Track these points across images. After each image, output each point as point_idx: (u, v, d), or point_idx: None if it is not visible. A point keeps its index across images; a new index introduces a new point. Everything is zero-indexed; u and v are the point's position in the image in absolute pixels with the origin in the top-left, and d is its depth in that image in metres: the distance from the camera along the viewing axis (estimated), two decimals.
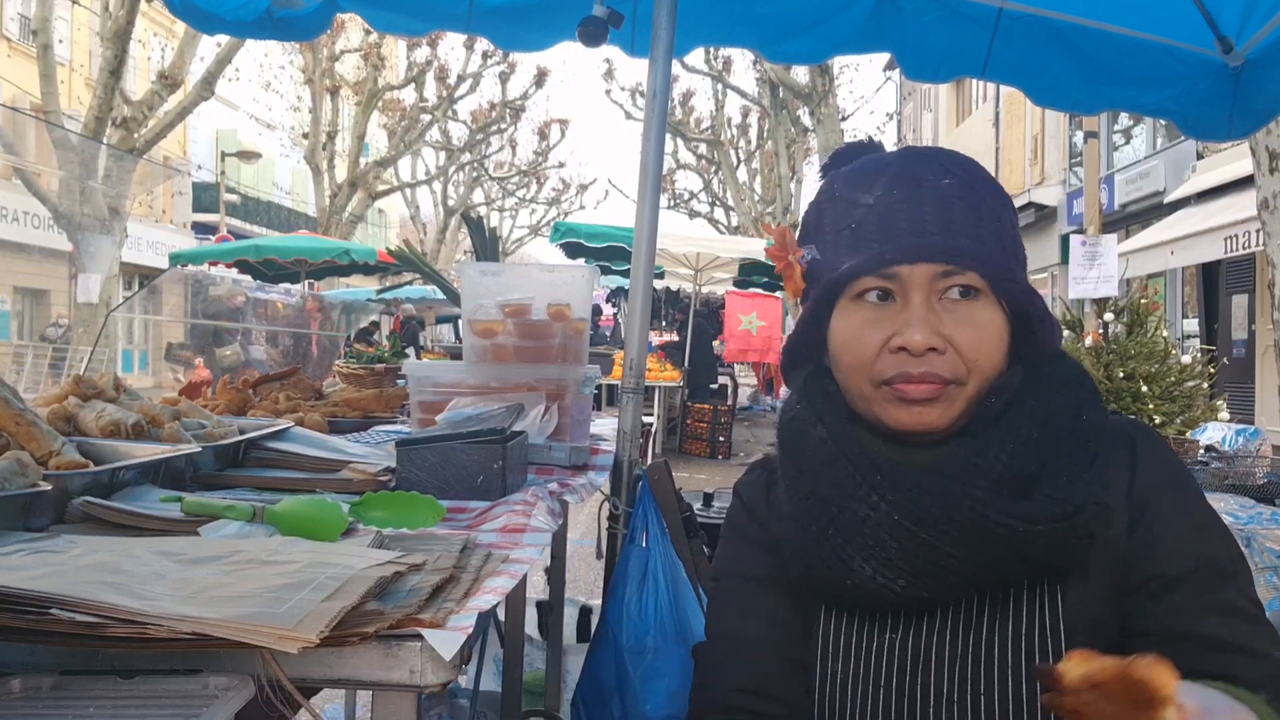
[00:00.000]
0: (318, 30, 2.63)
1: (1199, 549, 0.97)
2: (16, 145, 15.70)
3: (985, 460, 0.97)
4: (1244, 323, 13.48)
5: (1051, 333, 1.04)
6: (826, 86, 12.98)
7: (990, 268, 0.98)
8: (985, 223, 1.01)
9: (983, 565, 0.95)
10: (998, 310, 1.00)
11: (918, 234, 0.99)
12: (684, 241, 11.70)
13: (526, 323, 2.05)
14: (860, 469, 1.00)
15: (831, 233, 1.05)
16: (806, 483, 1.04)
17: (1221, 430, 4.49)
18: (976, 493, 0.95)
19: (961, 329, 0.98)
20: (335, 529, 1.24)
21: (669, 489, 1.99)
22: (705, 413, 11.69)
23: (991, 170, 6.49)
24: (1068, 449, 0.99)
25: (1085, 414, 1.02)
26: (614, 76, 28.09)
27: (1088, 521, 0.95)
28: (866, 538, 0.98)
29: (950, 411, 0.99)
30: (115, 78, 11.80)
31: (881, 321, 1.00)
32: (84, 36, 21.77)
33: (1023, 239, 1.09)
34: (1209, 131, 2.73)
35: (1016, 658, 0.98)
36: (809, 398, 1.09)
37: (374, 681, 0.88)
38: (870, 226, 1.01)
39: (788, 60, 2.98)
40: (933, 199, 1.00)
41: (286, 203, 33.51)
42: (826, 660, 1.06)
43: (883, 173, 1.03)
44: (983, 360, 0.99)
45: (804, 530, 1.03)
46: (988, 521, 0.94)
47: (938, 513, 0.95)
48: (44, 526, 1.21)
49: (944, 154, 1.05)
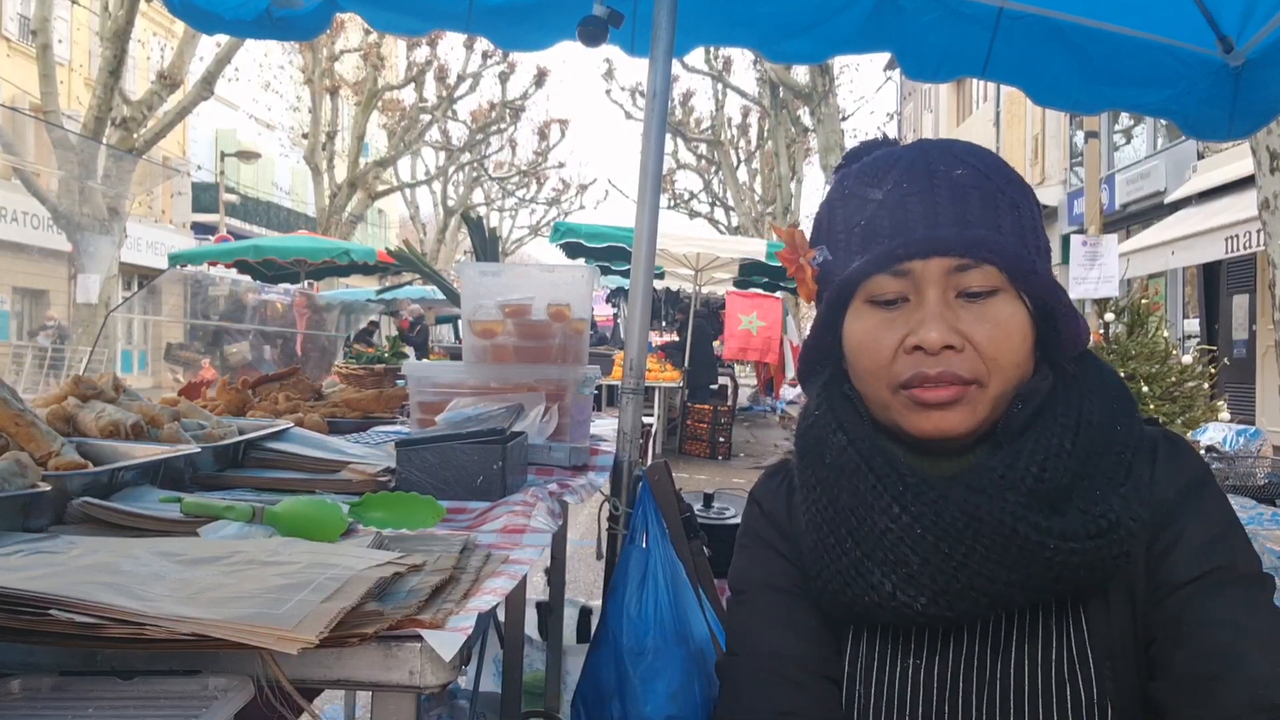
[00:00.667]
0: (317, 30, 2.63)
1: (1207, 556, 0.92)
2: (16, 145, 15.69)
3: (1015, 472, 0.92)
4: (1245, 323, 13.48)
5: (1076, 330, 0.98)
6: (827, 86, 12.98)
7: (1009, 259, 0.93)
8: (1003, 213, 0.96)
9: (1009, 584, 0.90)
10: (1019, 306, 0.95)
11: (930, 226, 0.94)
12: (684, 241, 11.69)
13: (526, 323, 2.05)
14: (882, 478, 0.95)
15: (843, 231, 1.00)
16: (826, 492, 0.99)
17: (1222, 431, 4.48)
18: (1008, 506, 0.90)
19: (980, 326, 0.93)
20: (335, 530, 1.23)
21: (669, 490, 1.99)
22: (705, 413, 11.68)
23: None
24: (1102, 461, 0.94)
25: (1120, 424, 0.96)
26: (614, 76, 28.13)
27: (1123, 540, 0.90)
28: (887, 551, 0.93)
29: (973, 416, 0.94)
30: (115, 78, 11.80)
31: (896, 322, 0.95)
32: (83, 36, 21.76)
33: (1046, 235, 1.03)
34: (1210, 131, 2.72)
35: (1047, 685, 0.93)
36: (829, 403, 1.03)
37: (373, 682, 0.88)
38: (881, 222, 0.96)
39: (788, 60, 2.97)
40: (946, 190, 0.95)
41: (286, 203, 33.50)
42: (852, 683, 1.01)
43: (894, 166, 0.99)
44: (1003, 358, 0.94)
45: (822, 542, 0.99)
46: (1018, 537, 0.89)
47: (964, 526, 0.90)
48: (43, 527, 1.20)
49: (958, 145, 1.01)
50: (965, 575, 0.90)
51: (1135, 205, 16.36)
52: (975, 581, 0.90)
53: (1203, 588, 0.91)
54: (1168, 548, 0.93)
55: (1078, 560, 0.89)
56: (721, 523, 2.57)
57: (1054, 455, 0.92)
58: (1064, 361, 1.00)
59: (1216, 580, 0.91)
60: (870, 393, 0.99)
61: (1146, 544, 0.94)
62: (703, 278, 13.13)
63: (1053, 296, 0.96)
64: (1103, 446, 0.95)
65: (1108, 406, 0.97)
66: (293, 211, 33.01)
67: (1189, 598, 0.91)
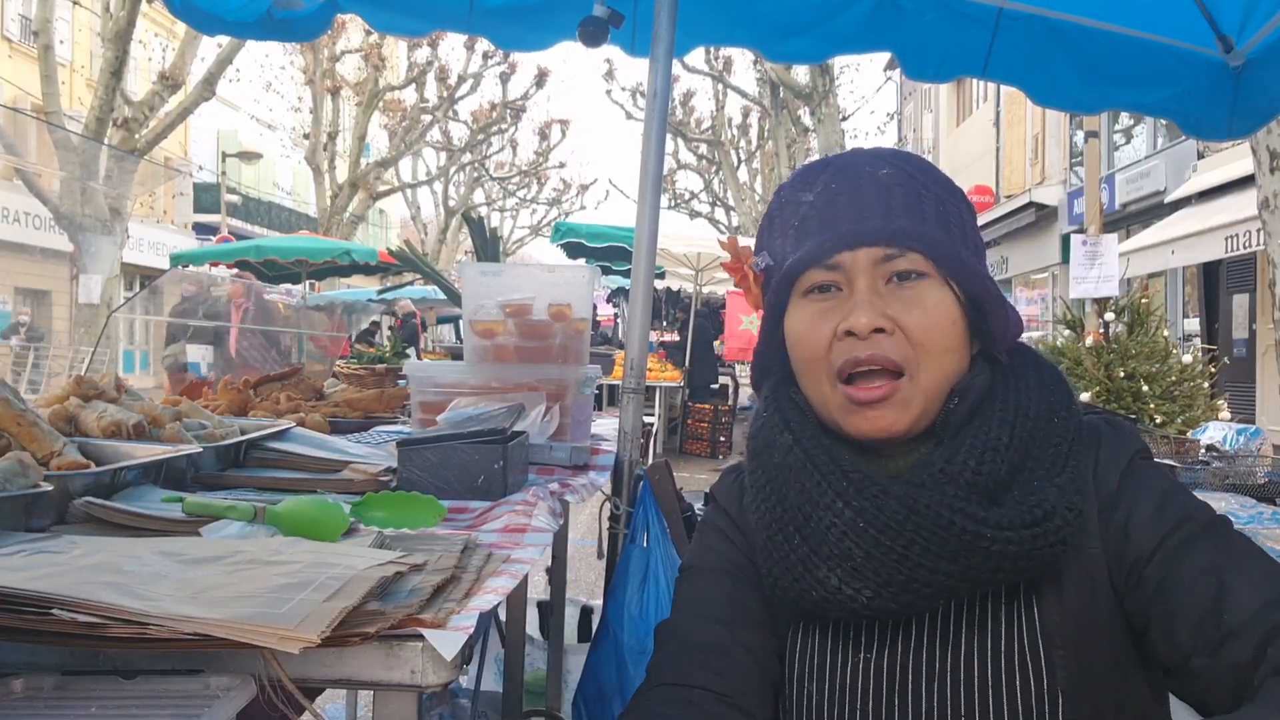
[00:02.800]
0: (318, 31, 2.64)
1: (1162, 520, 0.94)
2: (18, 146, 15.70)
3: (954, 466, 0.95)
4: (1244, 322, 13.48)
5: (1005, 321, 1.02)
6: (827, 87, 12.98)
7: (932, 247, 0.98)
8: (927, 206, 1.01)
9: (950, 574, 0.92)
10: (947, 292, 0.99)
11: (856, 220, 0.99)
12: (685, 242, 11.70)
13: (527, 323, 2.05)
14: (827, 475, 0.98)
15: (779, 235, 1.07)
16: (775, 491, 1.03)
17: (1222, 430, 4.48)
18: (945, 499, 0.93)
19: (909, 310, 0.98)
20: (336, 529, 1.24)
21: (670, 489, 2.00)
22: (706, 413, 11.69)
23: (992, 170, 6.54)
24: (1040, 454, 0.97)
25: (1058, 416, 1.00)
26: (614, 76, 28.12)
27: (1059, 529, 0.92)
28: (832, 546, 0.96)
29: (907, 413, 0.98)
30: (116, 78, 11.80)
31: (830, 312, 1.00)
32: (85, 37, 21.79)
33: (980, 235, 1.08)
34: (1210, 131, 2.72)
35: (996, 675, 0.95)
36: (776, 405, 1.08)
37: (375, 681, 0.88)
38: (813, 221, 1.02)
39: (788, 60, 2.98)
40: (871, 187, 1.01)
41: (287, 203, 33.52)
42: (803, 681, 1.03)
43: (824, 170, 1.05)
44: (931, 343, 0.97)
45: (771, 540, 1.02)
46: (955, 528, 0.91)
47: (903, 519, 0.93)
48: (45, 527, 1.21)
49: (886, 150, 1.07)
50: (907, 568, 0.93)
51: (1135, 205, 16.36)
52: (917, 574, 0.93)
53: (1171, 549, 0.93)
54: (1123, 528, 0.96)
55: (1014, 550, 0.91)
56: None
57: (991, 449, 0.96)
58: (998, 354, 1.04)
59: (1179, 538, 0.93)
60: (812, 391, 1.04)
61: (1101, 530, 0.97)
62: (703, 278, 13.13)
63: (980, 286, 1.00)
64: (1041, 438, 0.98)
65: (1045, 399, 1.01)
66: (294, 212, 33.03)
67: (1163, 562, 0.93)
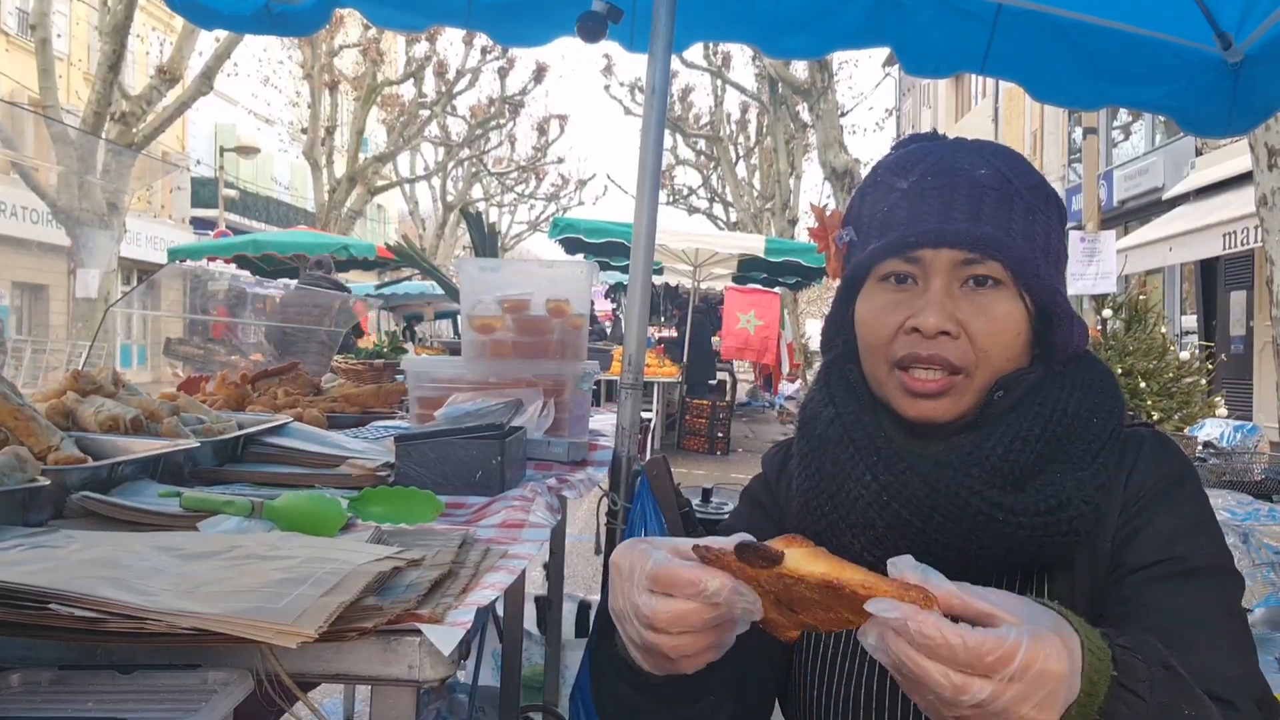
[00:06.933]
0: (316, 25, 2.63)
1: (1168, 547, 0.95)
2: (15, 140, 15.66)
3: (982, 451, 0.98)
4: (1242, 319, 13.49)
5: (1071, 334, 1.04)
6: (826, 82, 12.94)
7: (1013, 259, 0.99)
8: (1016, 214, 1.01)
9: (964, 552, 0.95)
10: (1018, 303, 1.00)
11: (944, 219, 1.00)
12: (683, 237, 11.69)
13: (525, 318, 2.05)
14: (860, 449, 1.02)
15: (868, 216, 1.07)
16: (814, 460, 1.07)
17: (1219, 427, 4.50)
18: (967, 481, 0.96)
19: (977, 317, 0.99)
20: (334, 524, 1.24)
21: (667, 484, 2.00)
22: (704, 408, 11.70)
23: None
24: (1071, 449, 0.99)
25: (1098, 417, 1.01)
26: (613, 72, 28.12)
27: (1072, 519, 0.94)
28: (859, 515, 1.00)
29: (958, 405, 1.01)
30: (114, 72, 11.76)
31: (901, 304, 1.02)
32: (82, 31, 21.71)
33: (1064, 245, 1.09)
34: (1208, 128, 2.72)
35: None
36: (826, 380, 1.12)
37: (372, 676, 0.89)
38: (901, 211, 1.03)
39: (787, 55, 2.98)
40: (966, 187, 1.01)
41: (285, 198, 33.44)
42: (823, 646, 1.07)
43: (922, 160, 1.05)
44: (994, 351, 1.00)
45: (805, 505, 1.06)
46: (969, 509, 0.94)
47: (924, 496, 0.96)
48: (43, 521, 1.21)
49: (990, 146, 1.07)
50: (924, 542, 0.96)
51: (1133, 201, 16.36)
52: (933, 549, 0.96)
53: (1156, 575, 0.94)
54: (1133, 533, 0.98)
55: (1025, 534, 0.94)
56: (720, 517, 2.57)
57: (1021, 438, 0.98)
58: (1057, 362, 1.05)
59: (1171, 571, 0.94)
60: (870, 368, 1.07)
61: (1115, 527, 0.98)
62: (701, 273, 13.13)
63: (1051, 300, 1.02)
64: (1075, 435, 1.00)
65: (1089, 400, 1.02)
66: (292, 206, 32.95)
67: (1143, 583, 0.95)
